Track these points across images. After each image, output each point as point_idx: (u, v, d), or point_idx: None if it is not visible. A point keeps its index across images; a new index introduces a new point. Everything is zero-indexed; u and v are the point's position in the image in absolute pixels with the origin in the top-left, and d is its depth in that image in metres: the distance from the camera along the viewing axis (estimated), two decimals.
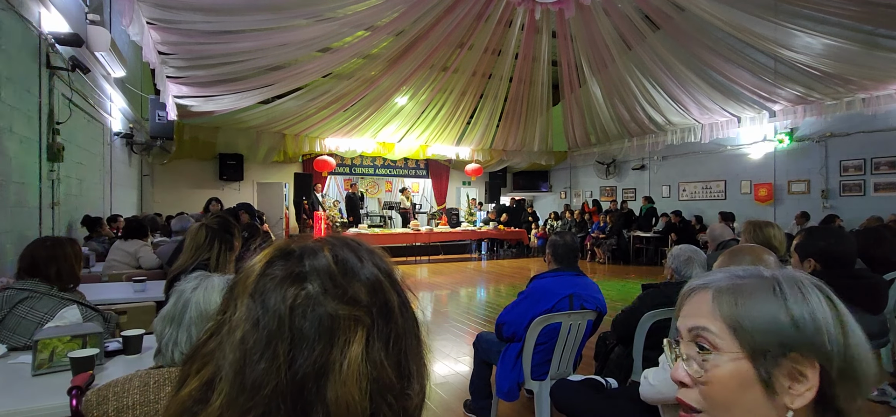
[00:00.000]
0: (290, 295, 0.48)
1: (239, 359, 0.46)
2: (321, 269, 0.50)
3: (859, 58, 6.55)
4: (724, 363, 0.60)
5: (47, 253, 2.12)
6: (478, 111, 11.16)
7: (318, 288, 0.48)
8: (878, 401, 3.21)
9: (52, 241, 2.22)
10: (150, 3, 4.75)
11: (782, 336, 0.58)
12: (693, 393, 0.62)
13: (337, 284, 0.49)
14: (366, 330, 0.48)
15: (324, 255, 0.51)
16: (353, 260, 0.52)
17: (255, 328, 0.47)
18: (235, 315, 0.49)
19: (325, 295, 0.48)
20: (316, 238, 0.55)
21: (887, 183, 8.05)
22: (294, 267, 0.50)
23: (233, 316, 0.49)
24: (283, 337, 0.46)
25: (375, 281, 0.52)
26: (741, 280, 0.64)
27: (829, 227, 5.91)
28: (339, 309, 0.48)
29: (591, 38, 8.18)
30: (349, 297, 0.49)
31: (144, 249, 4.27)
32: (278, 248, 0.53)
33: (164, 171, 10.87)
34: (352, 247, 0.54)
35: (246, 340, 0.47)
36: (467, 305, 6.68)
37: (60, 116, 4.39)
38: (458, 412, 3.09)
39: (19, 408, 1.46)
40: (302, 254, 0.51)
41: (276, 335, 0.46)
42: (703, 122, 9.68)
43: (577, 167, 14.26)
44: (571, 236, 2.74)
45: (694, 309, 0.65)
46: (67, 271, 2.15)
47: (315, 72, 8.17)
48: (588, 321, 2.60)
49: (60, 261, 2.12)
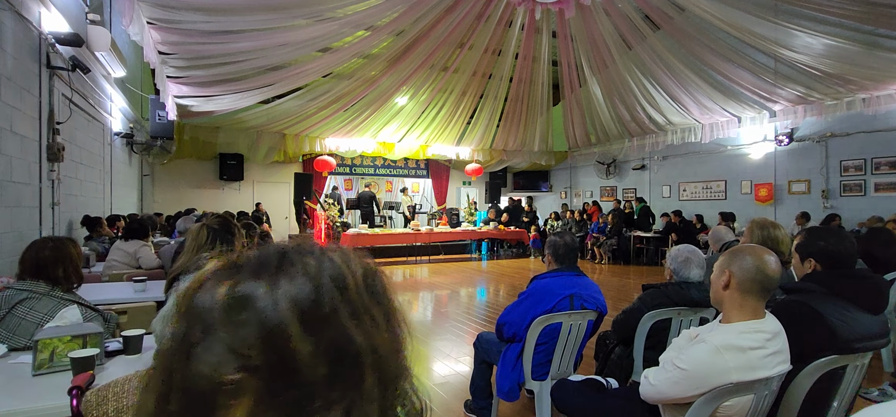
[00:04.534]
0: (190, 338, 0.41)
1: (139, 404, 0.42)
2: (205, 311, 0.41)
3: (859, 58, 6.55)
4: None
5: (51, 255, 2.11)
6: (478, 111, 11.17)
7: (200, 336, 0.41)
8: (878, 401, 3.21)
9: (54, 242, 2.21)
10: (151, 3, 4.75)
11: None
12: None
13: (218, 334, 0.40)
14: (253, 398, 0.39)
15: (216, 294, 0.42)
16: (257, 295, 0.42)
17: (158, 370, 0.42)
18: (164, 342, 0.43)
19: (204, 350, 0.40)
20: (260, 254, 0.46)
21: (888, 183, 8.05)
22: (199, 302, 0.42)
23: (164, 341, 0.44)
24: (171, 390, 0.40)
25: (276, 327, 0.40)
26: None
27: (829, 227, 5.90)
28: (220, 368, 0.39)
29: (591, 37, 8.18)
30: (235, 353, 0.39)
31: (144, 249, 4.27)
32: (217, 267, 0.45)
33: (165, 171, 10.88)
34: (273, 272, 0.43)
35: (149, 383, 0.42)
36: (467, 305, 6.68)
37: (60, 116, 4.39)
38: (458, 412, 3.09)
39: (19, 408, 1.46)
40: (203, 289, 0.43)
41: (167, 385, 0.40)
42: (703, 122, 9.68)
43: (577, 167, 14.26)
44: (571, 236, 2.74)
45: None
46: (73, 271, 2.15)
47: (315, 72, 8.17)
48: (588, 321, 2.60)
49: (66, 262, 2.13)
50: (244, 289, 0.42)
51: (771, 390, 1.54)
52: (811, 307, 1.72)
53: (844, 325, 1.68)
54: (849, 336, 1.67)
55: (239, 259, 0.45)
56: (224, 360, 0.39)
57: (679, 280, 2.50)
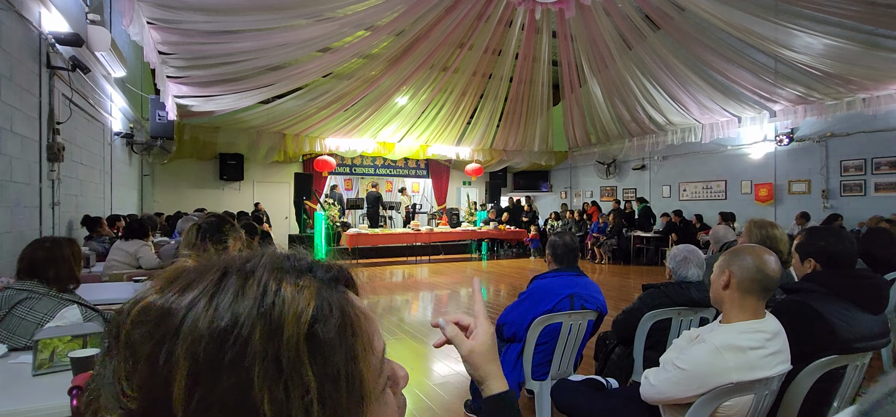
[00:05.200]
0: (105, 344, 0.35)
1: None
2: (114, 326, 0.36)
3: (860, 58, 6.55)
4: None
5: (45, 255, 2.10)
6: (478, 111, 11.17)
7: (103, 380, 0.35)
8: None
9: (50, 242, 2.21)
10: (151, 3, 4.75)
11: None
12: None
13: (110, 358, 0.35)
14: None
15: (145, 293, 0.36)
16: (170, 304, 0.35)
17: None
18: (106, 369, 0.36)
19: (98, 375, 0.35)
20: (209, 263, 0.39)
21: (888, 183, 8.05)
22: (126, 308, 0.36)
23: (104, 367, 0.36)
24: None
25: (163, 360, 0.33)
26: None
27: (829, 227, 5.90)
28: (126, 400, 0.33)
29: (591, 37, 8.18)
30: (117, 384, 0.34)
31: (144, 249, 4.26)
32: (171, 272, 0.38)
33: (165, 171, 10.88)
34: (187, 292, 0.36)
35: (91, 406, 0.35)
36: (468, 305, 6.68)
37: (60, 116, 4.39)
38: (458, 412, 3.09)
39: (20, 408, 1.46)
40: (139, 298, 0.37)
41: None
42: (703, 122, 9.68)
43: (577, 167, 14.26)
44: (571, 236, 2.74)
45: None
46: (65, 273, 2.12)
47: (315, 72, 8.18)
48: (588, 321, 2.60)
49: (58, 263, 2.10)
50: (158, 300, 0.35)
51: (771, 390, 1.54)
52: (811, 307, 1.72)
53: (845, 325, 1.68)
54: (849, 336, 1.67)
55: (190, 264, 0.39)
56: (129, 385, 0.33)
57: (678, 279, 2.50)
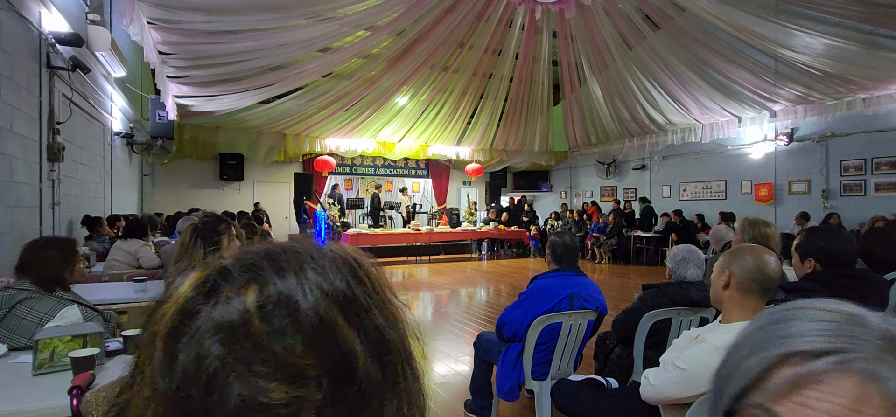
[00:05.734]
0: (205, 369, 0.34)
1: None
2: (237, 325, 0.35)
3: (860, 58, 6.55)
4: None
5: (29, 256, 2.09)
6: (478, 111, 11.17)
7: (238, 356, 0.34)
8: None
9: (43, 242, 2.20)
10: (151, 3, 4.75)
11: None
12: None
13: (263, 349, 0.34)
14: (315, 413, 0.34)
15: (242, 300, 0.36)
16: (294, 293, 0.37)
17: (162, 400, 0.35)
18: (141, 393, 0.36)
19: (247, 370, 0.34)
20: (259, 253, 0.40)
21: (888, 183, 8.04)
22: (211, 318, 0.35)
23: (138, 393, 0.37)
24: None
25: (324, 325, 0.36)
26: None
27: (829, 227, 5.91)
28: (272, 390, 0.33)
29: (591, 37, 8.18)
30: (286, 369, 0.34)
31: (144, 249, 4.27)
32: (198, 281, 0.39)
33: (165, 171, 10.88)
34: (293, 266, 0.38)
35: (152, 407, 0.35)
36: (467, 305, 6.68)
37: (60, 116, 4.39)
38: (458, 412, 3.09)
39: (19, 408, 1.46)
40: (218, 295, 0.37)
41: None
42: (703, 122, 9.68)
43: (577, 167, 14.26)
44: (571, 236, 2.74)
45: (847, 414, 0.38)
46: (48, 275, 2.09)
47: (315, 72, 8.18)
48: (588, 321, 2.60)
49: (40, 264, 2.08)
50: (279, 289, 0.36)
51: None
52: None
53: None
54: None
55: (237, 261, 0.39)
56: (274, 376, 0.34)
57: (677, 279, 2.50)
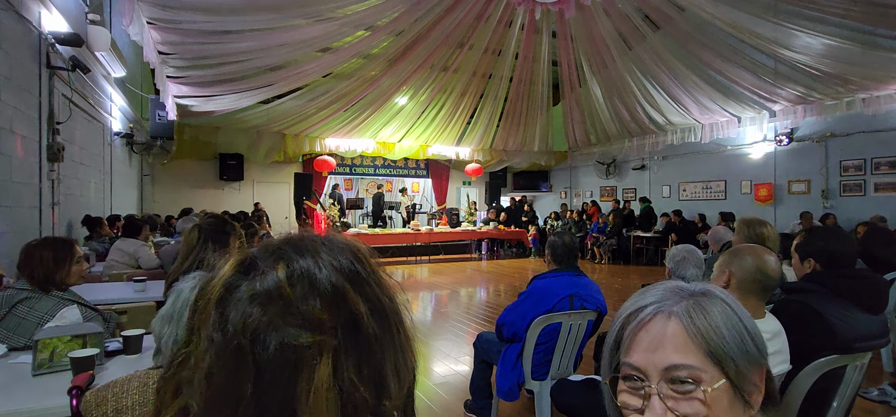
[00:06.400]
0: (251, 324, 0.44)
1: (207, 396, 0.45)
2: (273, 291, 0.46)
3: (859, 58, 6.55)
4: (715, 394, 0.60)
5: (23, 255, 2.10)
6: (478, 111, 11.17)
7: (274, 313, 0.45)
8: (878, 401, 3.21)
9: (38, 242, 2.19)
10: (150, 3, 4.75)
11: (750, 355, 0.62)
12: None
13: (292, 308, 0.45)
14: (332, 353, 0.45)
15: (274, 274, 0.47)
16: (312, 269, 0.48)
17: (220, 362, 0.44)
18: (200, 346, 0.46)
19: (283, 322, 0.44)
20: (280, 241, 0.51)
21: (887, 183, 8.05)
22: (250, 289, 0.46)
23: (197, 347, 0.46)
24: (248, 371, 0.43)
25: (336, 291, 0.47)
26: (701, 303, 0.63)
27: (829, 227, 5.90)
28: (301, 336, 0.44)
29: (591, 37, 8.18)
30: (310, 321, 0.45)
31: (143, 249, 4.26)
32: (237, 263, 0.49)
33: (165, 171, 10.88)
34: (310, 250, 0.49)
35: (212, 376, 0.44)
36: (467, 305, 6.68)
37: (60, 116, 4.39)
38: (458, 412, 3.09)
39: (19, 408, 1.46)
40: (255, 272, 0.47)
41: (240, 370, 0.44)
42: (703, 122, 9.68)
43: (577, 167, 14.26)
44: (571, 236, 2.74)
45: (662, 342, 0.62)
46: (40, 274, 2.08)
47: (315, 72, 8.18)
48: (588, 321, 2.60)
49: (32, 264, 2.08)
50: (301, 266, 0.47)
51: None
52: (811, 307, 1.72)
53: (844, 325, 1.68)
54: (849, 335, 1.67)
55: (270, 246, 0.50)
56: (302, 327, 0.45)
57: (676, 279, 2.49)
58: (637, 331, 0.64)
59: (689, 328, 0.61)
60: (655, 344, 0.62)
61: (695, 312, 0.62)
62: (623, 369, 0.64)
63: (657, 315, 0.64)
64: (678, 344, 0.61)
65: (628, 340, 0.65)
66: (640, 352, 0.63)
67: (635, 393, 0.63)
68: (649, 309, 0.64)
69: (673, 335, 0.62)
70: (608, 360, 0.68)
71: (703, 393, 0.59)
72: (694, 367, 0.60)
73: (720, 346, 0.61)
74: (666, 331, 0.62)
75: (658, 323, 0.63)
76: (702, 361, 0.60)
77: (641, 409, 0.61)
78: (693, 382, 0.60)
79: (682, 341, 0.61)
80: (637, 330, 0.64)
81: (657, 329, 0.63)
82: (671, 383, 0.61)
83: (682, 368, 0.60)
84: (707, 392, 0.59)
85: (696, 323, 0.62)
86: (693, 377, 0.60)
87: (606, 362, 0.68)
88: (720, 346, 0.61)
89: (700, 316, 0.62)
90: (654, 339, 0.62)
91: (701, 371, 0.60)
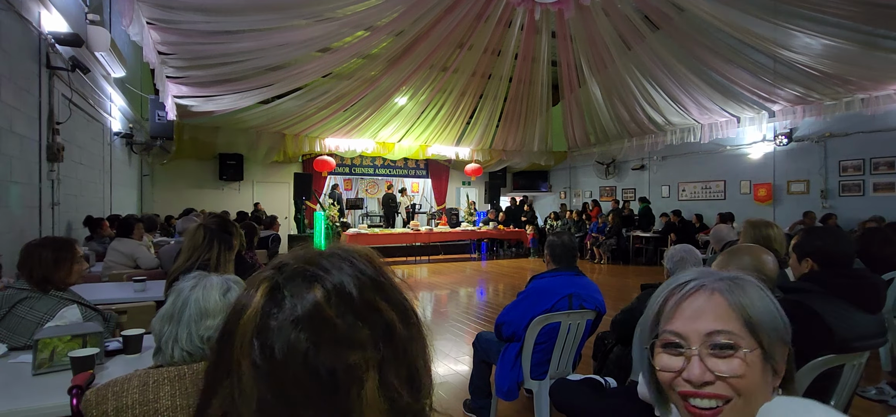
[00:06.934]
0: (299, 350, 0.45)
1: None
2: (314, 314, 0.46)
3: (858, 58, 6.56)
4: (751, 358, 0.70)
5: (23, 254, 2.09)
6: (477, 111, 11.17)
7: (319, 336, 0.46)
8: (876, 400, 3.22)
9: (38, 242, 2.19)
10: (150, 3, 4.75)
11: (779, 331, 0.73)
12: (721, 386, 0.70)
13: (335, 328, 0.46)
14: (378, 366, 0.47)
15: (313, 295, 0.47)
16: (343, 285, 0.48)
17: (272, 391, 0.45)
18: (244, 379, 0.46)
19: (329, 344, 0.46)
20: (299, 260, 0.51)
21: (886, 183, 8.06)
22: (291, 315, 0.46)
23: (241, 379, 0.46)
24: (301, 395, 0.45)
25: (368, 304, 0.48)
26: (739, 282, 0.74)
27: (827, 227, 5.91)
28: (349, 356, 0.46)
29: (590, 38, 8.18)
30: (353, 340, 0.46)
31: (140, 249, 4.26)
32: (267, 290, 0.48)
33: (164, 171, 10.88)
34: (335, 265, 0.50)
35: (265, 405, 0.45)
36: (467, 305, 6.68)
37: (60, 116, 4.40)
38: (457, 411, 3.10)
39: (19, 408, 1.46)
40: (287, 296, 0.47)
41: (294, 396, 0.45)
42: (702, 123, 9.69)
43: (576, 167, 14.27)
44: (569, 236, 2.74)
45: (704, 311, 0.72)
46: (39, 274, 2.08)
47: (315, 72, 8.18)
48: (587, 320, 2.60)
49: (31, 264, 2.07)
50: (333, 283, 0.48)
51: None
52: (809, 306, 1.72)
53: (842, 324, 1.68)
54: (846, 335, 1.67)
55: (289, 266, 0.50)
56: (348, 345, 0.46)
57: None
58: (680, 302, 0.74)
59: (730, 300, 0.72)
60: (698, 314, 0.72)
61: (735, 288, 0.73)
62: (664, 337, 0.74)
63: (700, 289, 0.74)
64: (719, 313, 0.71)
65: (671, 311, 0.75)
66: (683, 320, 0.73)
67: (676, 356, 0.72)
68: (692, 285, 0.75)
69: (715, 305, 0.72)
70: (648, 329, 0.78)
71: (743, 355, 0.69)
72: (733, 333, 0.70)
73: (757, 318, 0.71)
74: (708, 303, 0.72)
75: (701, 296, 0.73)
76: (740, 329, 0.70)
77: (681, 369, 0.71)
78: (732, 346, 0.70)
79: (723, 311, 0.71)
80: (680, 301, 0.74)
81: (700, 301, 0.73)
82: (711, 348, 0.70)
83: (722, 333, 0.70)
84: (746, 355, 0.69)
85: (737, 297, 0.72)
86: (732, 341, 0.70)
87: (647, 331, 0.78)
88: (757, 318, 0.71)
89: (740, 292, 0.72)
90: (696, 310, 0.73)
91: (739, 337, 0.70)
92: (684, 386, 0.71)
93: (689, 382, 0.70)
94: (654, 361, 0.75)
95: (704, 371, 0.69)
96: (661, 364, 0.74)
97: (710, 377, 0.69)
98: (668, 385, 0.73)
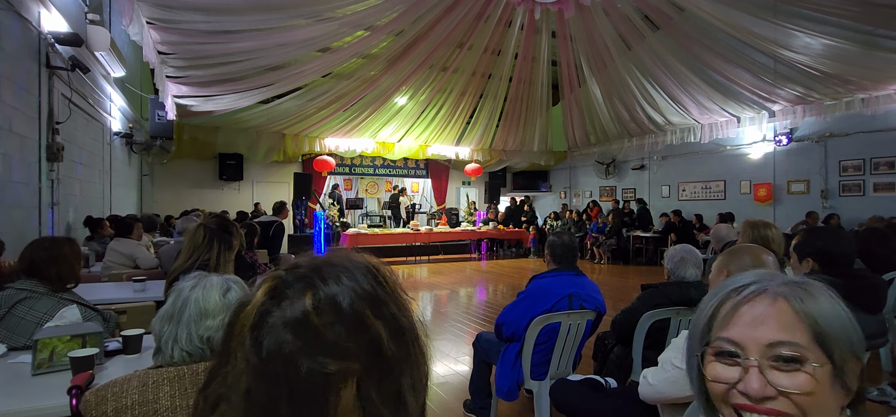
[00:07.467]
0: (284, 350, 0.47)
1: (245, 412, 0.48)
2: (302, 320, 0.48)
3: (858, 58, 6.56)
4: (820, 374, 0.61)
5: (47, 255, 2.10)
6: (477, 111, 11.17)
7: (304, 341, 0.47)
8: (877, 401, 3.21)
9: (50, 242, 2.21)
10: (150, 3, 4.75)
11: (852, 345, 0.64)
12: (783, 403, 0.62)
13: (320, 336, 0.48)
14: (357, 377, 0.48)
15: (303, 302, 0.49)
16: (336, 296, 0.50)
17: (257, 382, 0.48)
18: (237, 367, 0.49)
19: (312, 349, 0.47)
20: (306, 266, 0.53)
21: (886, 183, 8.06)
22: (282, 316, 0.49)
23: (234, 367, 0.49)
24: (283, 392, 0.47)
25: (358, 317, 0.50)
26: (807, 288, 0.65)
27: (827, 227, 5.90)
28: (328, 364, 0.47)
29: (590, 38, 8.18)
30: (335, 349, 0.48)
31: (139, 249, 4.26)
32: (269, 289, 0.51)
33: (164, 171, 10.87)
34: (333, 275, 0.51)
35: (250, 395, 0.48)
36: (467, 305, 6.68)
37: (60, 116, 4.39)
38: (457, 412, 3.10)
39: (19, 408, 1.46)
40: (285, 299, 0.50)
41: (276, 391, 0.47)
42: (702, 122, 9.69)
43: (576, 167, 14.26)
44: (570, 236, 2.74)
45: (765, 318, 0.64)
46: (67, 272, 2.12)
47: (315, 72, 8.18)
48: (587, 321, 2.60)
49: (60, 262, 2.10)
50: (326, 293, 0.50)
51: None
52: None
53: None
54: None
55: (299, 269, 0.53)
56: (329, 355, 0.47)
57: (676, 279, 2.50)
58: (738, 307, 0.66)
59: (798, 308, 0.63)
60: (758, 321, 0.64)
61: (804, 294, 0.64)
62: (716, 344, 0.66)
63: (762, 293, 0.65)
64: (785, 322, 0.63)
65: (727, 316, 0.66)
66: (741, 327, 0.65)
67: (731, 366, 0.65)
68: (752, 288, 0.66)
69: (780, 313, 0.64)
70: (699, 336, 0.70)
71: (811, 369, 0.61)
72: (800, 345, 0.62)
73: (828, 330, 0.62)
74: (771, 309, 0.64)
75: (763, 302, 0.65)
76: (808, 342, 0.62)
77: (736, 381, 0.64)
78: (799, 360, 0.62)
79: (789, 320, 0.63)
80: (738, 306, 0.66)
81: (762, 307, 0.65)
82: (773, 360, 0.62)
83: (787, 345, 0.62)
84: (815, 369, 0.61)
85: (806, 305, 0.63)
86: (799, 354, 0.62)
87: (697, 337, 0.70)
88: (828, 330, 0.62)
89: (809, 299, 0.64)
90: (757, 316, 0.64)
91: (806, 351, 0.62)
92: (740, 399, 0.63)
93: (747, 396, 0.63)
94: (704, 370, 0.67)
95: (765, 385, 0.61)
96: (713, 373, 0.66)
97: (772, 392, 0.61)
98: (720, 397, 0.66)
